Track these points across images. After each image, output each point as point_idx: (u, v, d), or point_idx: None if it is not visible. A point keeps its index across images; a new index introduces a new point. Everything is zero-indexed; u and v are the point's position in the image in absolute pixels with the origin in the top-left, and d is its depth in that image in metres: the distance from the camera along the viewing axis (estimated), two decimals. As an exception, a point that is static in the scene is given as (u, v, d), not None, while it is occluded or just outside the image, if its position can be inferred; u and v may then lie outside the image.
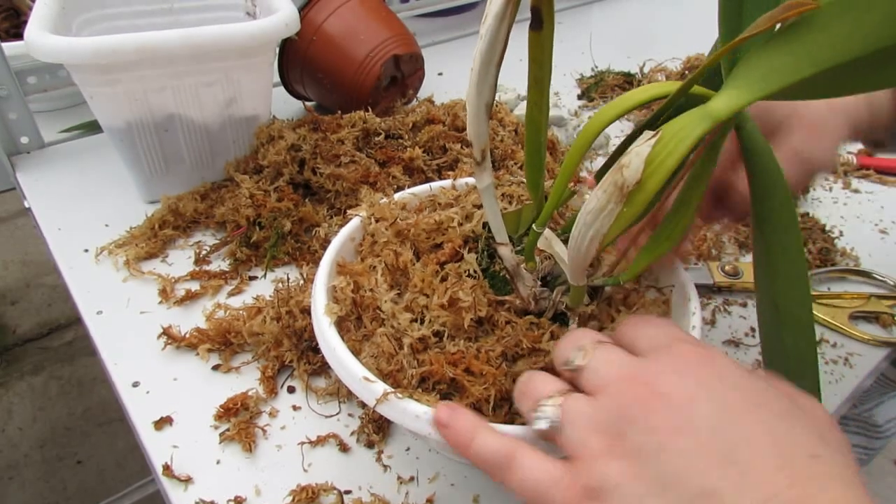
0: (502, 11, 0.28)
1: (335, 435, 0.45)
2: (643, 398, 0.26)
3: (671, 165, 0.27)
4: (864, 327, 0.57)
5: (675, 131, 0.28)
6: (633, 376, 0.27)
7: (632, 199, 0.28)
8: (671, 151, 0.27)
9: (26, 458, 1.46)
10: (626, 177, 0.28)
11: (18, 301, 1.83)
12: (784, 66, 0.25)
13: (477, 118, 0.32)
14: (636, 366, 0.28)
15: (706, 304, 0.59)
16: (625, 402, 0.26)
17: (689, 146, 0.27)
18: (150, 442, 0.45)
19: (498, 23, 0.28)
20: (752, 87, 0.27)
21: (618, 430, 0.26)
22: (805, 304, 0.33)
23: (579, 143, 0.31)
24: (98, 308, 0.54)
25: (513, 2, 0.28)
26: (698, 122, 0.27)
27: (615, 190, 0.28)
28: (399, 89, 0.80)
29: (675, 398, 0.25)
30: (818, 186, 0.76)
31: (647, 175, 0.28)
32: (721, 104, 0.27)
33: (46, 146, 0.75)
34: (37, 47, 0.53)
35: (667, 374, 0.26)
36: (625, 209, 0.28)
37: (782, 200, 0.32)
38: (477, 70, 0.31)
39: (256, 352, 0.50)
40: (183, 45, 0.56)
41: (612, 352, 0.29)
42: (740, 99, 0.27)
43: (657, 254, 0.34)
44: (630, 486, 0.24)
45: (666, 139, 0.27)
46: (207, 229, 0.63)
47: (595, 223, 0.30)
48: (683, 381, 0.26)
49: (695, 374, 0.26)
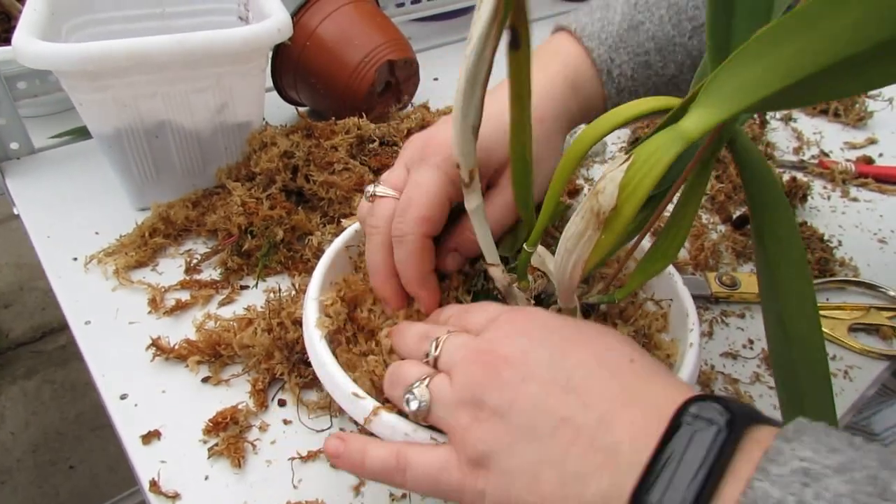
0: (486, 32, 0.27)
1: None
2: (488, 365, 0.30)
3: (646, 189, 0.27)
4: (864, 339, 0.56)
5: (647, 155, 0.27)
6: (477, 350, 0.31)
7: (609, 226, 0.28)
8: (645, 175, 0.27)
9: (19, 463, 1.44)
10: (601, 203, 0.27)
11: (11, 304, 1.82)
12: (753, 81, 0.25)
13: (463, 140, 0.31)
14: (477, 341, 0.32)
15: (703, 314, 0.58)
16: (475, 373, 0.30)
17: (663, 169, 0.27)
18: (137, 456, 0.44)
19: (482, 44, 0.28)
20: (722, 104, 0.26)
21: (476, 399, 0.29)
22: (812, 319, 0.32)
23: (568, 159, 0.30)
24: (86, 318, 0.53)
25: (497, 23, 0.27)
26: (671, 144, 0.27)
27: (592, 216, 0.28)
28: (394, 95, 0.79)
29: (513, 357, 0.29)
30: (816, 195, 0.75)
31: (622, 200, 0.27)
32: (692, 124, 0.27)
33: (36, 152, 0.74)
34: (24, 53, 0.53)
35: (501, 340, 0.31)
36: (603, 236, 0.28)
37: (781, 213, 0.32)
38: (462, 91, 0.30)
39: (247, 364, 0.50)
40: (173, 51, 0.55)
41: (458, 336, 0.33)
42: (711, 117, 0.27)
43: (652, 272, 0.33)
44: (502, 442, 0.28)
45: (639, 163, 0.27)
46: (199, 237, 0.63)
47: (576, 249, 0.29)
48: (516, 342, 0.30)
49: (523, 333, 0.31)
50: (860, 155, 0.83)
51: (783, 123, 0.91)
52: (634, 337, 0.41)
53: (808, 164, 0.80)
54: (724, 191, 0.73)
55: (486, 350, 0.31)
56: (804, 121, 0.92)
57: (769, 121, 0.89)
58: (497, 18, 0.27)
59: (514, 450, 0.27)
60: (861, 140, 0.87)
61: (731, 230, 0.68)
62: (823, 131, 0.89)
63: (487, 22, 0.27)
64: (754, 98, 0.25)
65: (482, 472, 0.28)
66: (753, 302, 0.59)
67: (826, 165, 0.79)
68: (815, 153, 0.84)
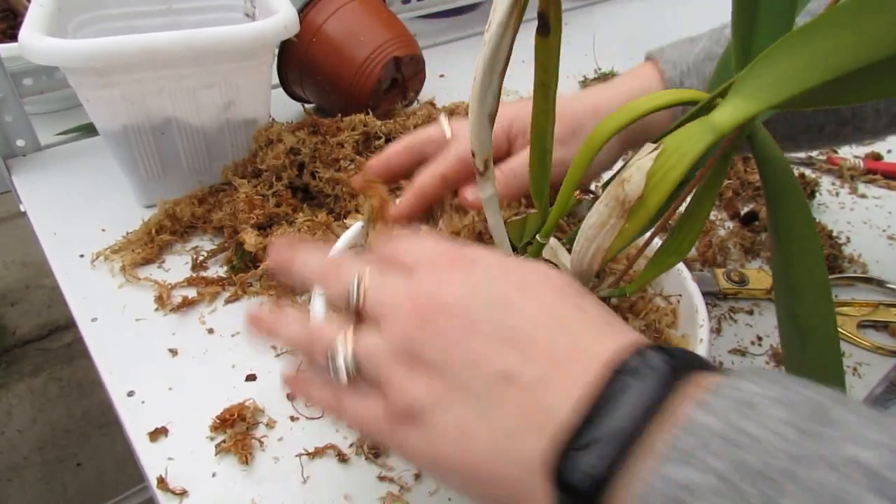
0: (506, 20, 0.27)
1: (334, 446, 0.44)
2: (425, 314, 0.27)
3: (674, 180, 0.26)
4: (873, 336, 0.56)
5: (677, 144, 0.26)
6: (411, 296, 0.28)
7: (634, 215, 0.27)
8: (673, 165, 0.26)
9: (26, 461, 1.45)
10: (627, 192, 0.27)
11: (18, 302, 1.83)
12: (792, 74, 0.24)
13: (480, 127, 0.31)
14: (411, 286, 0.29)
15: (711, 311, 0.58)
16: (410, 323, 0.27)
17: (692, 160, 0.26)
18: (144, 453, 0.44)
19: (501, 31, 0.27)
20: (759, 96, 0.25)
21: (412, 351, 0.27)
22: (828, 318, 0.31)
23: (583, 152, 0.30)
24: (93, 315, 0.53)
25: (517, 10, 0.27)
26: (701, 136, 0.26)
27: (617, 205, 0.27)
28: (400, 92, 0.79)
29: (452, 305, 0.27)
30: (825, 192, 0.75)
31: (648, 190, 0.26)
32: (725, 116, 0.26)
33: (43, 149, 0.74)
34: (30, 49, 0.53)
35: (439, 286, 0.28)
36: (627, 224, 0.27)
37: (798, 209, 0.31)
38: (480, 79, 0.30)
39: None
40: (180, 48, 0.55)
41: (385, 276, 0.30)
42: (746, 110, 0.26)
43: (665, 266, 0.33)
44: (435, 398, 0.26)
45: (668, 153, 0.26)
46: (205, 234, 0.63)
47: (598, 238, 0.29)
48: (455, 288, 0.27)
49: (463, 278, 0.28)
50: (869, 151, 0.82)
51: (791, 120, 0.90)
52: (645, 332, 0.41)
53: (817, 160, 0.80)
54: (732, 187, 0.72)
55: (422, 298, 0.28)
56: (812, 117, 0.91)
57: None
58: (517, 5, 0.26)
59: (447, 406, 0.26)
60: (869, 136, 0.86)
61: (739, 227, 0.68)
62: (831, 127, 0.88)
63: (507, 9, 0.27)
64: (791, 92, 0.24)
65: (412, 428, 0.27)
66: (762, 298, 0.59)
67: (835, 162, 0.79)
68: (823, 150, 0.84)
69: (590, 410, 0.23)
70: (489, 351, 0.26)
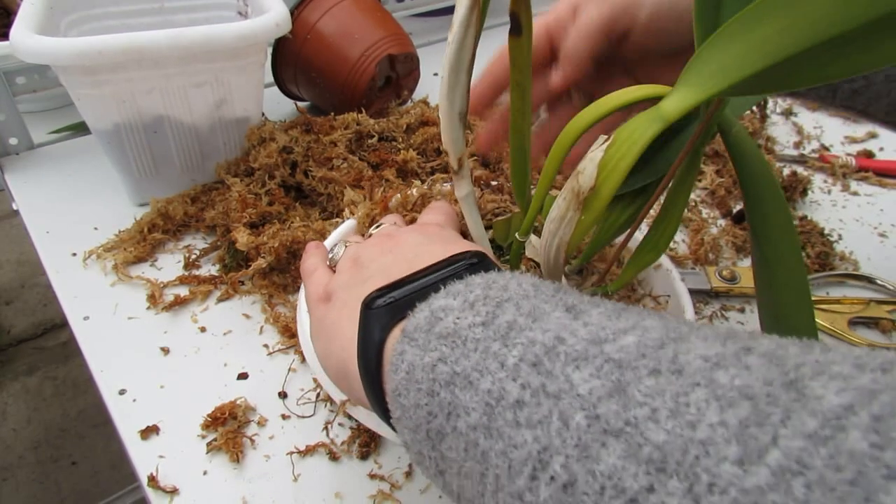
0: (467, 19, 0.27)
1: (325, 444, 0.44)
2: (378, 241, 0.37)
3: (624, 169, 0.27)
4: (864, 333, 0.56)
5: (627, 135, 0.27)
6: (380, 234, 0.39)
7: (588, 206, 0.28)
8: (623, 155, 0.27)
9: (20, 460, 1.45)
10: (581, 184, 0.27)
11: (13, 301, 1.82)
12: (733, 62, 0.24)
13: (450, 126, 0.31)
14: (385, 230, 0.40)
15: (703, 309, 0.58)
16: (368, 244, 0.38)
17: (642, 148, 0.27)
18: (135, 451, 0.44)
19: (463, 30, 0.28)
20: (703, 84, 0.26)
21: (358, 258, 0.36)
22: (806, 313, 0.32)
23: (557, 148, 0.30)
24: (85, 313, 0.53)
25: (477, 8, 0.27)
26: (650, 124, 0.27)
27: (573, 197, 0.28)
28: (394, 90, 0.79)
29: (395, 239, 0.37)
30: (816, 189, 0.75)
31: (601, 181, 0.27)
32: (672, 104, 0.27)
33: (35, 147, 0.74)
34: (21, 48, 0.52)
35: (398, 232, 0.38)
36: (583, 216, 0.28)
37: (776, 206, 0.31)
38: (446, 78, 0.30)
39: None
40: (171, 46, 0.55)
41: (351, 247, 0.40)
42: (691, 98, 0.26)
43: (644, 264, 0.33)
44: (342, 282, 0.35)
45: (618, 143, 0.27)
46: (197, 233, 0.63)
47: (559, 231, 0.29)
48: (406, 233, 0.37)
49: (413, 230, 0.38)
50: (861, 149, 0.83)
51: (783, 118, 0.90)
52: None
53: (809, 158, 0.80)
54: (724, 185, 0.72)
55: (385, 235, 0.38)
56: (805, 115, 0.91)
57: (769, 115, 0.89)
58: (476, 4, 0.27)
59: (346, 289, 0.34)
60: (861, 134, 0.87)
61: (730, 224, 0.68)
62: (824, 125, 0.89)
63: (468, 7, 0.27)
64: (734, 79, 0.24)
65: (324, 303, 0.35)
66: (753, 296, 0.59)
67: (826, 159, 0.79)
68: (815, 147, 0.84)
69: (402, 280, 0.31)
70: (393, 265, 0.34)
